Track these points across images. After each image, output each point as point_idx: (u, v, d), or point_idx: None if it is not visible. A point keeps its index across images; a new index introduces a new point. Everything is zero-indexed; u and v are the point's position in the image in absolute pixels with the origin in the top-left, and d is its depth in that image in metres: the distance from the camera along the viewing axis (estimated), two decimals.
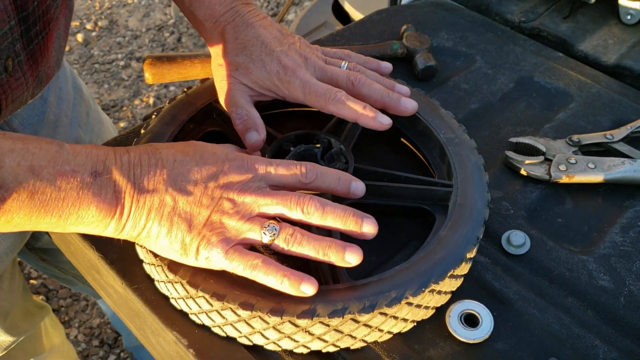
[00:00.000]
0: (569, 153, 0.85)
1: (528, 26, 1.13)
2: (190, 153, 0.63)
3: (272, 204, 0.61)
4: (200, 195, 0.60)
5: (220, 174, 0.61)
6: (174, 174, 0.60)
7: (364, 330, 0.62)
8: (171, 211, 0.59)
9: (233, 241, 0.60)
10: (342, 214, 0.62)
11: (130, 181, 0.58)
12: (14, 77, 0.75)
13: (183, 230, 0.59)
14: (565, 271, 0.74)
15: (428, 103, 0.83)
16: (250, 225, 0.60)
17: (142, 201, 0.59)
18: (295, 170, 0.64)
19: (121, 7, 3.29)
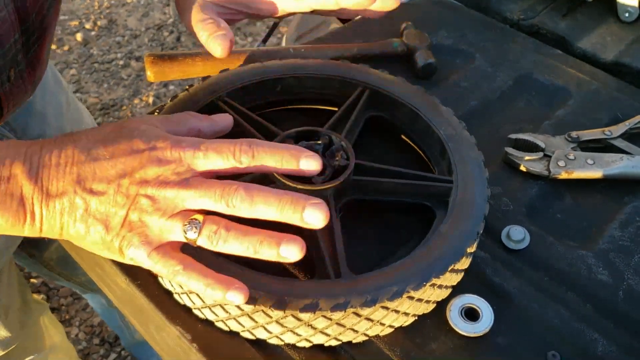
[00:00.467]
0: (568, 149, 0.86)
1: (527, 24, 1.14)
2: (109, 143, 0.56)
3: (195, 196, 0.54)
4: (114, 194, 0.54)
5: (138, 167, 0.55)
6: (84, 172, 0.55)
7: (366, 324, 0.63)
8: (84, 213, 0.55)
9: (156, 242, 0.55)
10: (276, 201, 0.54)
11: (37, 185, 0.54)
12: (16, 85, 0.75)
13: (100, 231, 0.55)
14: (565, 266, 0.74)
15: (428, 100, 0.84)
16: (172, 222, 0.54)
17: (52, 205, 0.55)
18: (227, 153, 0.56)
19: (120, 7, 3.30)
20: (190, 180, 0.55)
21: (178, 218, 0.55)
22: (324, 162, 0.75)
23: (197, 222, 0.54)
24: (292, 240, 0.54)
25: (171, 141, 0.56)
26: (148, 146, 0.56)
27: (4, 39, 0.69)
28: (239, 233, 0.54)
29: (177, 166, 0.55)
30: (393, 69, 0.90)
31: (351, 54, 1.00)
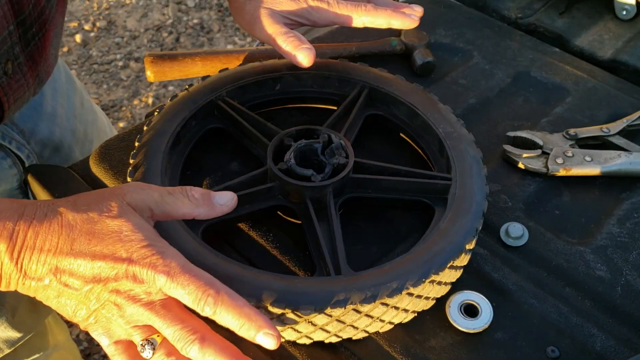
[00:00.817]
0: (566, 146, 0.87)
1: (525, 22, 1.14)
2: (94, 239, 0.57)
3: (158, 324, 0.57)
4: (86, 293, 0.57)
5: (112, 278, 0.56)
6: (63, 265, 0.56)
7: (366, 320, 0.64)
8: (55, 297, 0.58)
9: (116, 338, 0.58)
10: (222, 348, 0.56)
11: (16, 266, 0.56)
12: (14, 79, 0.76)
13: (69, 313, 0.58)
14: (563, 262, 0.75)
15: (427, 98, 0.84)
16: (133, 332, 0.57)
17: (27, 283, 0.57)
18: (194, 297, 0.56)
19: (119, 8, 3.30)
20: (158, 305, 0.57)
21: (139, 332, 0.57)
22: (322, 160, 0.76)
23: (153, 344, 0.57)
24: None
25: (150, 259, 0.56)
26: (128, 256, 0.57)
27: None
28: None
29: (149, 287, 0.56)
30: (392, 68, 0.91)
31: (350, 53, 1.01)
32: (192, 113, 0.80)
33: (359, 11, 0.81)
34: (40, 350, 1.07)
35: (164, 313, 0.56)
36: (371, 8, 0.82)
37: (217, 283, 0.57)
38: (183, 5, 3.30)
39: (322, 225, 0.70)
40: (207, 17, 3.22)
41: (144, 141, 0.76)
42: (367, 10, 0.81)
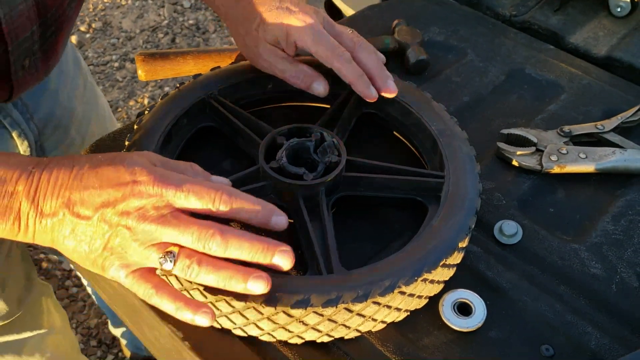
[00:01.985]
0: (560, 144, 0.86)
1: (519, 19, 1.14)
2: (100, 171, 0.60)
3: (172, 234, 0.58)
4: (97, 221, 0.59)
5: (120, 199, 0.59)
6: (74, 197, 0.59)
7: (358, 319, 0.63)
8: (70, 233, 0.60)
9: (134, 266, 0.59)
10: (249, 247, 0.58)
11: (33, 204, 0.60)
12: (29, 73, 0.79)
13: (85, 250, 0.60)
14: (558, 259, 0.74)
15: (420, 96, 0.84)
16: (149, 252, 0.58)
17: (43, 222, 0.60)
18: (207, 199, 0.59)
19: (115, 9, 3.29)
20: (169, 216, 0.58)
21: (155, 249, 0.58)
22: (315, 159, 0.75)
23: (173, 255, 0.58)
24: (258, 277, 0.58)
25: (155, 176, 0.60)
26: (132, 178, 0.60)
27: (19, 32, 0.72)
28: (210, 268, 0.58)
29: (157, 201, 0.59)
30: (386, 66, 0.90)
31: None
32: (183, 111, 0.79)
33: (333, 56, 0.77)
34: (33, 328, 1.08)
35: (177, 222, 0.58)
36: (344, 60, 0.77)
37: (225, 186, 0.61)
38: (179, 6, 3.30)
39: (315, 224, 0.69)
40: (203, 17, 3.22)
41: (134, 140, 0.75)
42: (341, 60, 0.77)
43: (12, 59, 0.74)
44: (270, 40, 0.79)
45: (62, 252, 0.62)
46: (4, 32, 0.69)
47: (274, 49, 0.80)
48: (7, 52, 0.72)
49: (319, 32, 0.77)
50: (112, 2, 3.34)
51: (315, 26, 0.77)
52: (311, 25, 0.76)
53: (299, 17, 0.77)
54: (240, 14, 0.81)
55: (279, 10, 0.78)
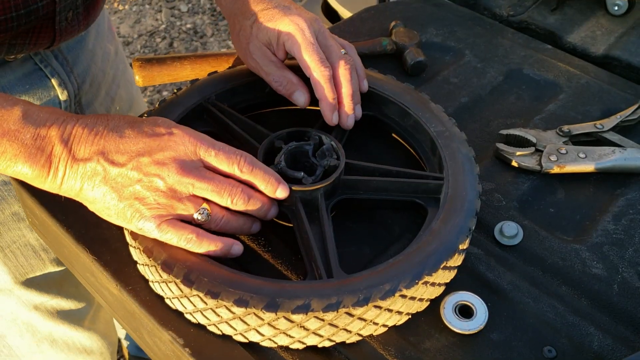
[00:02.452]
0: (559, 143, 0.86)
1: (516, 19, 1.13)
2: (135, 125, 0.65)
3: (206, 189, 0.64)
4: (132, 168, 0.62)
5: (157, 148, 0.63)
6: (109, 145, 0.63)
7: (359, 323, 0.63)
8: (102, 179, 0.62)
9: (165, 216, 0.63)
10: (260, 205, 0.67)
11: (66, 148, 0.62)
12: (71, 25, 0.83)
13: (114, 198, 0.62)
14: (559, 260, 0.74)
15: (418, 97, 0.84)
16: (183, 205, 0.63)
17: (75, 167, 0.62)
18: (234, 160, 0.66)
19: (112, 14, 3.29)
20: (202, 171, 0.64)
21: (188, 202, 0.63)
22: (314, 162, 0.75)
23: (206, 211, 0.64)
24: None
25: (189, 131, 0.66)
26: (168, 131, 0.65)
27: None
28: (233, 220, 0.67)
29: (192, 154, 0.64)
30: (383, 68, 0.90)
31: None
32: (180, 117, 0.79)
33: (313, 68, 0.76)
34: (88, 300, 1.09)
35: (210, 179, 0.64)
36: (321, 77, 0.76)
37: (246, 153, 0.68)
38: (176, 10, 3.30)
39: (314, 228, 0.69)
40: (200, 21, 3.22)
41: None
42: (318, 75, 0.76)
43: (58, 9, 0.79)
44: (262, 40, 0.79)
45: (87, 203, 0.64)
46: None
47: (265, 49, 0.80)
48: (54, 2, 0.77)
49: (308, 40, 0.76)
50: (110, 7, 3.34)
51: (306, 33, 0.76)
52: (303, 31, 0.76)
53: (293, 20, 0.76)
54: (238, 9, 0.82)
55: (275, 10, 0.78)
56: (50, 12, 0.79)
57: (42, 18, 0.79)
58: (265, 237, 0.74)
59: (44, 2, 0.77)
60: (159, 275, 0.64)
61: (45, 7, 0.77)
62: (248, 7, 0.80)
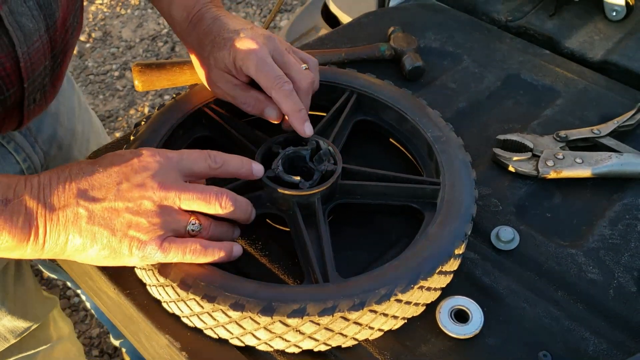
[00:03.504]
0: (556, 149, 0.86)
1: (514, 25, 1.14)
2: (98, 162, 0.63)
3: (193, 199, 0.63)
4: (115, 199, 0.60)
5: (132, 172, 0.61)
6: (83, 185, 0.60)
7: (355, 328, 0.63)
8: (88, 221, 0.59)
9: (162, 236, 0.61)
10: (245, 205, 0.67)
11: (40, 202, 0.59)
12: (38, 105, 0.80)
13: (106, 235, 0.59)
14: (555, 265, 0.74)
15: (415, 103, 0.84)
16: (175, 220, 0.62)
17: (55, 219, 0.59)
18: (204, 157, 0.66)
19: (114, 19, 3.31)
20: (183, 184, 0.63)
21: (179, 217, 0.62)
22: (311, 167, 0.75)
23: (197, 224, 0.64)
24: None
25: (151, 149, 0.63)
26: (133, 155, 0.62)
27: (36, 67, 0.73)
28: (218, 227, 0.67)
29: (166, 167, 0.62)
30: (381, 73, 0.91)
31: (339, 59, 1.01)
32: (179, 122, 0.80)
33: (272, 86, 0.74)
34: (44, 342, 1.08)
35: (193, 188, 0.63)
36: (282, 92, 0.74)
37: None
38: None
39: (311, 233, 0.69)
40: None
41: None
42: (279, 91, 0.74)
43: (27, 94, 0.74)
44: (221, 67, 0.78)
45: (76, 254, 0.60)
46: (22, 69, 0.70)
47: (226, 75, 0.78)
48: (22, 88, 0.73)
49: (262, 60, 0.74)
50: (112, 11, 3.35)
51: (260, 53, 0.74)
52: (255, 51, 0.74)
53: (245, 43, 0.75)
54: (195, 40, 0.81)
55: (228, 37, 0.76)
56: (18, 99, 0.74)
57: (10, 106, 0.74)
58: (263, 242, 0.74)
59: (12, 90, 0.72)
60: (156, 279, 0.65)
61: (13, 95, 0.73)
62: (203, 38, 0.79)
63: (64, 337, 1.16)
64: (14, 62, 0.68)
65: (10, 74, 0.69)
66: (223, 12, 0.81)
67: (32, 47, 0.70)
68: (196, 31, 0.81)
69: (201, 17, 0.80)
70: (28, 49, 0.69)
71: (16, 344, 0.99)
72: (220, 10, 0.81)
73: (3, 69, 0.68)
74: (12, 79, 0.70)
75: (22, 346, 1.02)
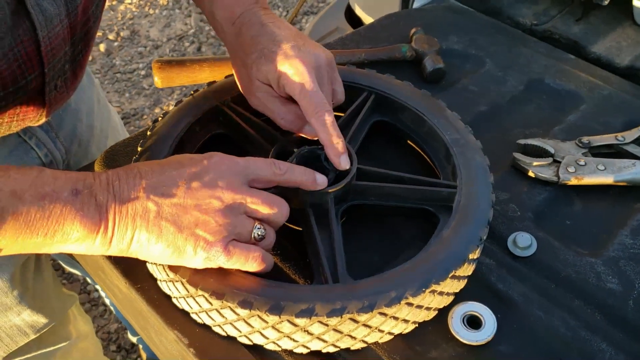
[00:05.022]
0: (578, 155, 0.84)
1: (540, 29, 1.12)
2: (166, 163, 0.63)
3: (258, 203, 0.63)
4: (185, 196, 0.60)
5: (202, 172, 0.62)
6: (153, 182, 0.60)
7: (364, 330, 0.62)
8: (156, 216, 0.59)
9: (227, 238, 0.61)
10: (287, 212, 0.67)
11: (110, 194, 0.59)
12: (60, 92, 0.80)
13: (173, 232, 0.59)
14: (573, 273, 0.73)
15: (434, 104, 0.83)
16: (242, 223, 0.62)
17: (124, 211, 0.59)
18: (269, 163, 0.66)
19: (143, 18, 3.34)
20: (249, 188, 0.63)
21: (246, 221, 0.62)
22: (325, 167, 0.75)
23: (262, 230, 0.64)
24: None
25: (222, 154, 0.65)
26: (204, 157, 0.63)
27: (56, 52, 0.73)
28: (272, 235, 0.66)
29: (235, 170, 0.63)
30: (402, 74, 0.90)
31: (359, 59, 1.00)
32: (196, 118, 0.80)
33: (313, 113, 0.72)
34: (64, 339, 1.08)
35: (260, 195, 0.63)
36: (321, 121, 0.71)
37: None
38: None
39: (322, 233, 0.69)
40: None
41: (146, 146, 0.75)
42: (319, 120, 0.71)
43: (47, 79, 0.74)
44: (262, 79, 0.76)
45: (140, 249, 0.60)
46: (43, 53, 0.70)
47: (267, 87, 0.76)
48: (43, 73, 0.73)
49: (307, 84, 0.72)
50: (140, 11, 3.39)
51: (306, 77, 0.72)
52: (302, 74, 0.72)
53: (293, 63, 0.72)
54: (239, 47, 0.78)
55: (274, 51, 0.73)
56: (40, 84, 0.74)
57: (31, 92, 0.74)
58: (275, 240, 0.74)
59: (34, 75, 0.72)
60: (166, 274, 0.65)
61: (34, 80, 0.72)
62: (248, 46, 0.76)
63: (83, 335, 1.17)
64: (35, 46, 0.69)
65: (32, 57, 0.69)
66: (271, 18, 0.78)
67: (52, 32, 0.70)
68: (242, 36, 0.78)
69: (247, 21, 0.78)
70: (49, 33, 0.70)
71: (35, 340, 1.00)
72: (268, 14, 0.79)
73: (25, 53, 0.68)
74: (33, 62, 0.70)
75: (42, 343, 1.03)
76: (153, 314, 0.67)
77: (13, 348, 0.95)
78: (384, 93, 0.84)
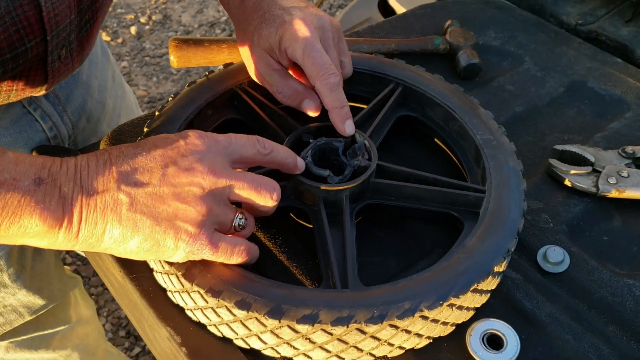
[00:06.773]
0: (621, 165, 0.77)
1: (585, 29, 1.04)
2: (141, 144, 0.56)
3: (244, 188, 0.57)
4: (160, 184, 0.54)
5: (178, 155, 0.55)
6: (125, 169, 0.54)
7: (372, 342, 0.56)
8: (129, 209, 0.53)
9: (210, 228, 0.55)
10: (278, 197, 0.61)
11: (77, 185, 0.52)
12: (64, 63, 0.75)
13: (150, 226, 0.53)
14: (608, 295, 0.66)
15: (466, 101, 0.77)
16: (223, 212, 0.57)
17: (92, 204, 0.52)
18: (254, 140, 0.60)
19: (176, 2, 3.32)
20: (233, 171, 0.57)
21: (227, 209, 0.57)
22: (343, 161, 0.69)
23: (244, 220, 0.59)
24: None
25: (200, 132, 0.58)
26: (180, 137, 0.57)
27: (60, 19, 0.69)
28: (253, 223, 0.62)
29: (215, 151, 0.57)
30: (433, 68, 0.83)
31: (389, 49, 0.94)
32: (208, 101, 0.75)
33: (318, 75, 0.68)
34: (63, 322, 1.05)
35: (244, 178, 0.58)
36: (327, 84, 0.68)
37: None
38: None
39: (334, 232, 0.63)
40: None
41: (153, 127, 0.71)
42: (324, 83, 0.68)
43: (50, 48, 0.69)
44: (263, 47, 0.71)
45: (114, 245, 0.54)
46: (45, 19, 0.66)
47: (267, 57, 0.72)
48: (45, 40, 0.67)
49: (311, 45, 0.67)
50: None
51: (310, 38, 0.68)
52: (304, 34, 0.68)
53: (295, 24, 0.68)
54: (242, 15, 0.74)
55: (277, 14, 0.70)
56: (41, 53, 0.69)
57: (31, 60, 0.69)
58: (283, 237, 0.68)
59: (34, 42, 0.66)
60: (161, 266, 0.60)
61: (34, 47, 0.67)
62: (251, 12, 0.73)
63: (84, 320, 1.14)
64: (37, 11, 0.64)
65: (33, 23, 0.65)
66: None
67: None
68: (244, 3, 0.74)
69: None
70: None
71: (33, 321, 0.96)
72: None
73: (25, 18, 0.63)
74: (34, 28, 0.65)
75: (39, 324, 0.99)
76: (146, 307, 0.63)
77: (7, 329, 0.91)
78: (412, 85, 0.78)
